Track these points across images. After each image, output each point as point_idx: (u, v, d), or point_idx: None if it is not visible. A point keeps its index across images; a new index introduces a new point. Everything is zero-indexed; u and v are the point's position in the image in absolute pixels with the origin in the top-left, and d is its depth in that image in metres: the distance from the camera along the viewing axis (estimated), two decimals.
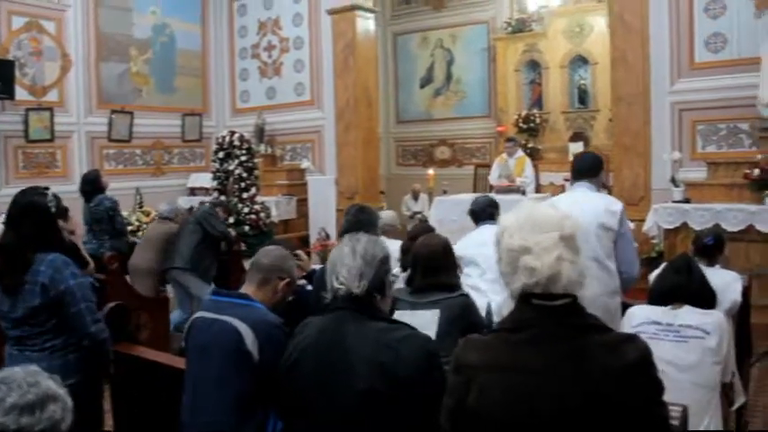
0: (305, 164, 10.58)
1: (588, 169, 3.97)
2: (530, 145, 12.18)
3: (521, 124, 12.31)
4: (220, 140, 8.51)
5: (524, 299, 1.67)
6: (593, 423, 1.54)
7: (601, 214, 3.77)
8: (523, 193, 8.90)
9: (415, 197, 12.01)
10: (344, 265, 2.20)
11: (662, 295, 3.26)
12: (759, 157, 6.65)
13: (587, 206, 3.82)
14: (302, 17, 11.03)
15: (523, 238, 1.67)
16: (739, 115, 7.21)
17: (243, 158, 8.38)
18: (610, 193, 9.36)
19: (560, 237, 1.65)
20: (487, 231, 4.20)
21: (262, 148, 11.06)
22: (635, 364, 1.58)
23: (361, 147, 10.09)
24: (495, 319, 3.47)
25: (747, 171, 6.56)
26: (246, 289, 2.68)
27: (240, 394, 2.44)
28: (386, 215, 5.65)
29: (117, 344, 3.17)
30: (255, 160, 8.60)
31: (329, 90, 10.57)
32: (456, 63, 13.99)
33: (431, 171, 11.55)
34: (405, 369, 2.03)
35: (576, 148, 11.55)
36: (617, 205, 3.80)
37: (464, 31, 13.85)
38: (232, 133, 8.46)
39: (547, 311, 1.63)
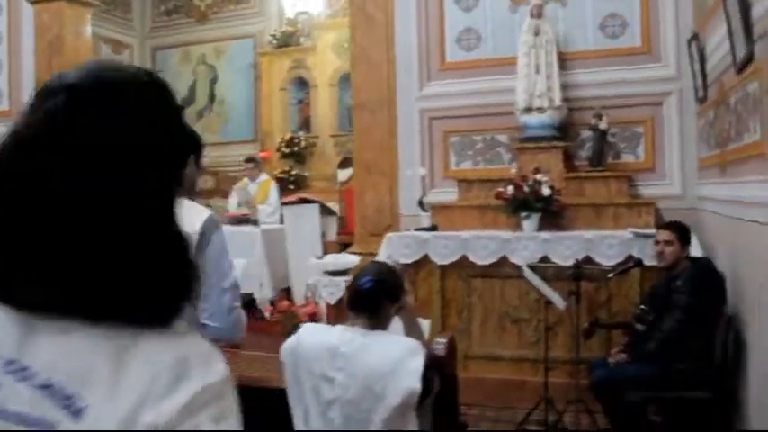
0: None
1: None
2: (294, 172, 10.68)
3: (284, 149, 10.76)
4: None
5: None
6: None
7: None
8: (255, 223, 7.27)
9: None
10: None
11: None
12: (513, 171, 5.40)
13: None
14: (1, 7, 8.83)
15: None
16: (497, 125, 5.97)
17: None
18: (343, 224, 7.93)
19: None
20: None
21: None
22: None
23: None
24: None
25: (500, 189, 5.26)
26: None
27: None
28: None
29: None
30: None
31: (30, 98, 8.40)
32: (220, 81, 12.31)
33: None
34: None
35: (345, 174, 10.27)
36: (197, 218, 2.17)
37: (229, 45, 12.21)
38: None
39: None
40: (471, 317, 5.30)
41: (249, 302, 6.82)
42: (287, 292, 6.94)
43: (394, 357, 2.18)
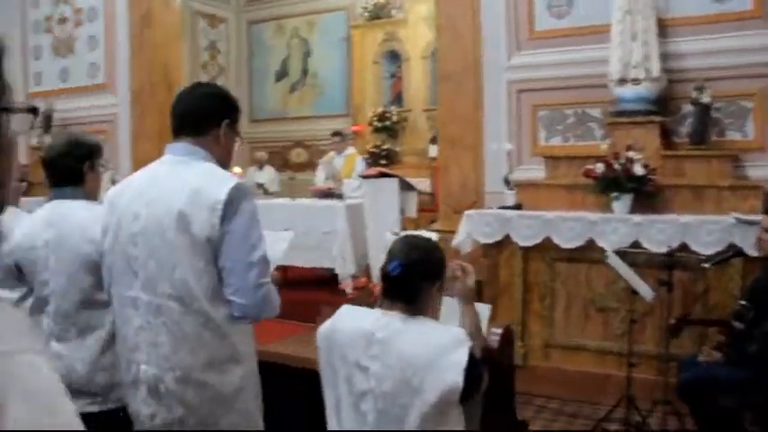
0: None
1: (194, 117, 2.13)
2: (386, 146, 10.50)
3: (375, 123, 10.59)
4: None
5: None
6: None
7: (185, 205, 1.96)
8: (340, 197, 7.13)
9: (261, 167, 10.16)
10: None
11: None
12: (604, 147, 5.00)
13: (167, 191, 2.01)
14: None
15: None
16: (589, 98, 5.56)
17: None
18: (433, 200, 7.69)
19: None
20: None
21: (47, 140, 8.98)
22: None
23: (156, 139, 8.10)
24: None
25: (589, 167, 4.88)
26: None
27: None
28: None
29: None
30: None
31: (124, 71, 8.57)
32: (313, 55, 12.21)
33: (237, 169, 9.76)
34: None
35: (436, 149, 10.02)
36: (224, 187, 1.97)
37: (322, 18, 12.09)
38: None
39: None
40: (554, 303, 4.97)
41: (331, 277, 6.72)
42: (368, 268, 6.78)
43: (434, 347, 1.93)
